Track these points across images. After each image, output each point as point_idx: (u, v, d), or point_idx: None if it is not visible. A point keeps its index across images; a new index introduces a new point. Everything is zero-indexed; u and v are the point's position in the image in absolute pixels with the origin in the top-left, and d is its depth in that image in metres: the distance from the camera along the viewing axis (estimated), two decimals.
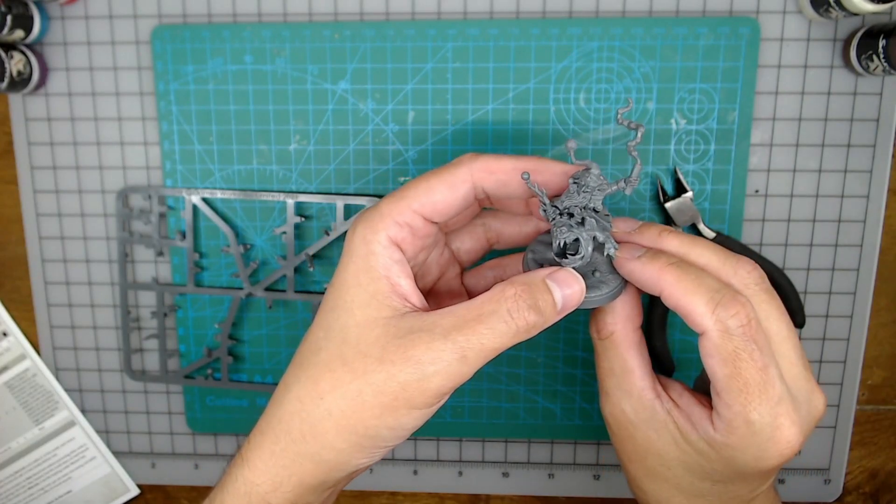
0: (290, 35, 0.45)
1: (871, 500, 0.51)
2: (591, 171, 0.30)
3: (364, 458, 0.30)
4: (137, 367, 0.51)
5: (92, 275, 0.50)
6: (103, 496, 0.53)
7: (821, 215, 0.46)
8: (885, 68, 0.41)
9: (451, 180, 0.30)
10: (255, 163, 0.47)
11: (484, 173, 0.30)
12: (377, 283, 0.28)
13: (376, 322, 0.28)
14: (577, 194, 0.29)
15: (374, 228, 0.29)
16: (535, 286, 0.28)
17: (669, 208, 0.45)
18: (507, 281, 0.28)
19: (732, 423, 0.28)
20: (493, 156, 0.30)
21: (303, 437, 0.29)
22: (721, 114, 0.45)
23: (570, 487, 0.51)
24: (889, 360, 0.49)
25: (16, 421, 0.52)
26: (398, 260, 0.29)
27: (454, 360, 0.27)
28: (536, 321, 0.28)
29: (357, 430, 0.28)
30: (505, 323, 0.27)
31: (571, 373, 0.49)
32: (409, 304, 0.29)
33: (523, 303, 0.27)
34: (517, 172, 0.30)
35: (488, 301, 0.28)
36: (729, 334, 0.27)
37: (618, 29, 0.44)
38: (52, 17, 0.46)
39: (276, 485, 0.29)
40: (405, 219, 0.29)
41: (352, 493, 0.53)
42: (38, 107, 0.48)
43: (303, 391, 0.29)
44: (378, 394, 0.28)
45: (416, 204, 0.29)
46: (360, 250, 0.29)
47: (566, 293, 0.29)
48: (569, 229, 0.30)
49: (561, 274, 0.29)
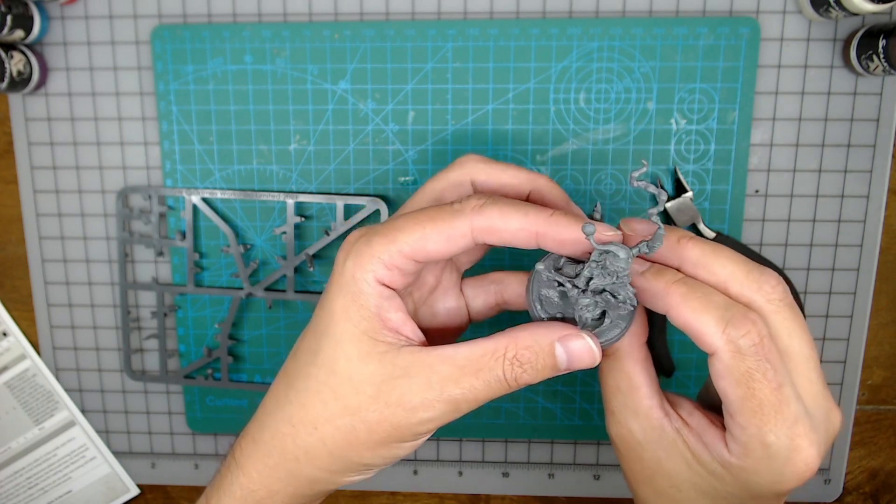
0: (290, 35, 0.45)
1: (871, 500, 0.51)
2: (618, 256, 0.27)
3: (357, 477, 0.31)
4: (137, 367, 0.51)
5: (92, 275, 0.50)
6: (103, 496, 0.53)
7: (821, 215, 0.46)
8: (885, 68, 0.41)
9: (448, 232, 0.28)
10: (255, 163, 0.47)
11: (486, 232, 0.28)
12: (368, 322, 0.28)
13: (370, 357, 0.28)
14: (603, 277, 0.28)
15: (363, 267, 0.28)
16: (539, 349, 0.28)
17: (669, 208, 0.45)
18: (511, 335, 0.28)
19: (748, 445, 0.27)
20: (500, 209, 0.28)
21: (296, 459, 0.30)
22: (721, 114, 0.45)
23: (570, 487, 0.51)
24: (889, 360, 0.49)
25: (16, 421, 0.52)
26: (388, 296, 0.28)
27: (447, 410, 0.28)
28: (530, 382, 0.28)
29: (351, 459, 0.29)
30: (498, 382, 0.28)
31: (571, 373, 0.49)
32: (403, 336, 0.29)
33: (518, 366, 0.27)
34: (523, 233, 0.28)
35: (488, 356, 0.27)
36: (741, 354, 0.26)
37: (618, 29, 0.44)
38: (52, 17, 0.46)
39: (271, 493, 0.30)
40: (395, 262, 0.28)
41: (352, 493, 0.53)
42: (38, 107, 0.48)
43: (295, 416, 0.30)
44: (371, 431, 0.28)
45: (408, 249, 0.28)
46: (350, 287, 0.28)
47: (574, 354, 0.28)
48: (595, 306, 0.28)
49: (575, 341, 0.28)
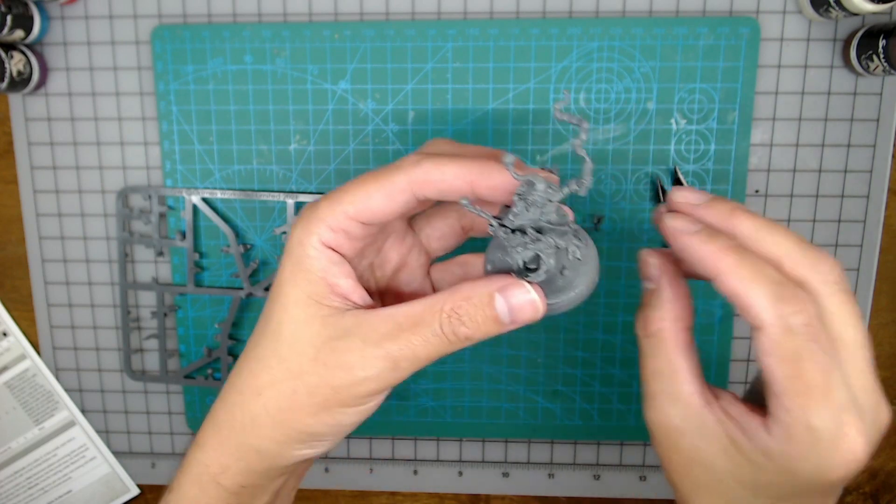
0: (290, 35, 0.45)
1: (871, 500, 0.51)
2: (535, 186, 0.27)
3: (307, 450, 0.30)
4: (137, 367, 0.51)
5: (92, 275, 0.50)
6: (103, 496, 0.53)
7: (821, 215, 0.46)
8: (885, 68, 0.41)
9: (388, 189, 0.28)
10: (255, 163, 0.47)
11: (423, 184, 0.28)
12: (314, 285, 0.28)
13: (313, 319, 0.28)
14: (527, 211, 0.27)
15: (308, 231, 0.28)
16: (477, 300, 0.27)
17: None
18: (450, 290, 0.28)
19: (792, 428, 0.26)
20: (434, 162, 0.28)
21: (244, 428, 0.29)
22: (721, 114, 0.45)
23: (570, 487, 0.51)
24: (889, 360, 0.49)
25: (16, 421, 0.52)
26: (336, 261, 0.28)
27: (386, 367, 0.27)
28: (471, 336, 0.27)
29: (294, 427, 0.29)
30: (437, 336, 0.27)
31: (571, 373, 0.49)
32: (350, 301, 0.29)
33: (456, 318, 0.27)
34: (458, 182, 0.28)
35: (427, 310, 0.27)
36: (790, 332, 0.25)
37: (618, 29, 0.44)
38: (52, 17, 0.46)
39: (224, 468, 0.30)
40: (339, 224, 0.28)
41: (352, 493, 0.53)
42: (38, 107, 0.48)
43: (244, 384, 0.29)
44: (311, 394, 0.28)
45: (352, 210, 0.28)
46: (296, 251, 0.28)
47: (514, 305, 0.27)
48: (524, 248, 0.28)
49: (514, 289, 0.27)
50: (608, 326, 0.48)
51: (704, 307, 0.47)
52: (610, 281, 0.47)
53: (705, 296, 0.47)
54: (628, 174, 0.46)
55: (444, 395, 0.49)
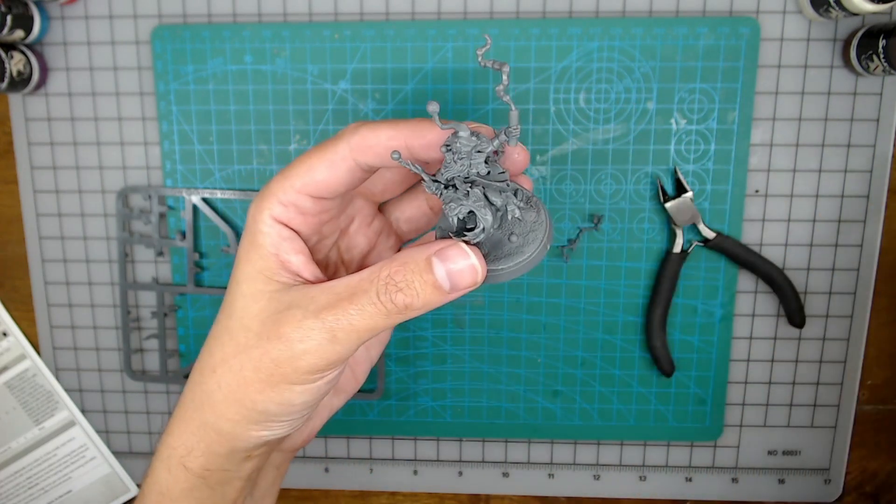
0: (290, 35, 0.45)
1: (871, 500, 0.51)
2: (459, 135, 0.26)
3: (263, 431, 0.29)
4: (137, 367, 0.51)
5: (92, 275, 0.50)
6: (103, 496, 0.53)
7: (821, 215, 0.46)
8: (885, 68, 0.41)
9: (330, 157, 0.27)
10: (255, 163, 0.47)
11: (362, 150, 0.27)
12: (265, 260, 0.28)
13: (261, 295, 0.28)
14: (455, 163, 0.26)
15: (259, 207, 0.28)
16: (413, 265, 0.26)
17: (669, 208, 0.45)
18: (387, 259, 0.27)
19: None
20: (371, 126, 0.27)
21: (201, 406, 0.29)
22: (721, 114, 0.45)
23: (570, 487, 0.51)
24: (889, 360, 0.49)
25: (16, 421, 0.52)
26: (287, 237, 0.28)
27: (324, 339, 0.26)
28: (410, 303, 0.26)
29: (244, 404, 0.28)
30: (373, 305, 0.26)
31: (571, 373, 0.49)
32: (301, 278, 0.28)
33: (393, 286, 0.26)
34: (394, 142, 0.27)
35: (365, 279, 0.26)
36: None
37: (618, 29, 0.44)
38: (52, 17, 0.46)
39: (188, 449, 0.30)
40: (289, 198, 0.28)
41: (352, 493, 0.53)
42: (38, 107, 0.48)
43: (202, 363, 0.29)
44: (256, 369, 0.27)
45: (299, 183, 0.28)
46: (250, 227, 0.28)
47: (452, 270, 0.26)
48: (457, 204, 0.26)
49: (450, 251, 0.26)
50: (608, 326, 0.48)
51: (704, 307, 0.47)
52: (610, 281, 0.47)
53: (705, 296, 0.47)
54: (628, 174, 0.46)
55: (444, 395, 0.49)
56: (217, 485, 0.30)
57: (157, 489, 0.30)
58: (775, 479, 0.50)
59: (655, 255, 0.47)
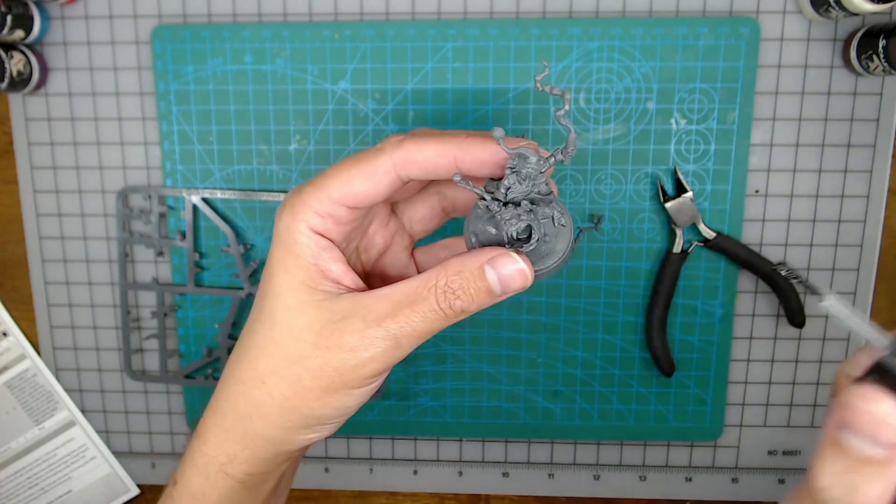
0: (290, 35, 0.45)
1: None
2: (528, 159, 0.27)
3: (313, 434, 0.30)
4: (137, 367, 0.51)
5: (92, 275, 0.50)
6: (103, 496, 0.53)
7: (821, 215, 0.46)
8: (885, 68, 0.41)
9: (372, 171, 0.28)
10: (255, 163, 0.47)
11: (406, 164, 0.28)
12: (306, 271, 0.28)
13: (308, 305, 0.28)
14: (520, 184, 0.27)
15: (295, 217, 0.28)
16: (468, 273, 0.27)
17: (669, 208, 0.45)
18: (441, 266, 0.28)
19: None
20: (416, 142, 0.28)
21: (249, 417, 0.30)
22: (721, 114, 0.45)
23: (570, 487, 0.51)
24: None
25: (16, 421, 0.52)
26: (325, 247, 0.29)
27: (389, 346, 0.28)
28: (466, 308, 0.28)
29: (300, 412, 0.29)
30: (434, 311, 0.27)
31: (571, 373, 0.49)
32: (343, 286, 0.29)
33: (451, 293, 0.27)
34: (442, 159, 0.28)
35: (421, 287, 0.28)
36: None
37: (618, 29, 0.44)
38: (52, 17, 0.46)
39: (230, 457, 0.30)
40: (325, 209, 0.28)
41: (352, 493, 0.53)
42: (38, 107, 0.48)
43: (244, 374, 0.30)
44: (315, 378, 0.28)
45: (336, 194, 0.28)
46: (285, 238, 0.29)
47: (504, 275, 0.27)
48: (518, 219, 0.28)
49: (503, 259, 0.28)
50: (608, 326, 0.48)
51: (704, 307, 0.47)
52: (610, 281, 0.47)
53: (705, 296, 0.47)
54: (628, 174, 0.46)
55: (444, 395, 0.49)
56: (254, 487, 0.31)
57: (191, 495, 0.31)
58: (775, 479, 0.50)
59: (655, 255, 0.47)
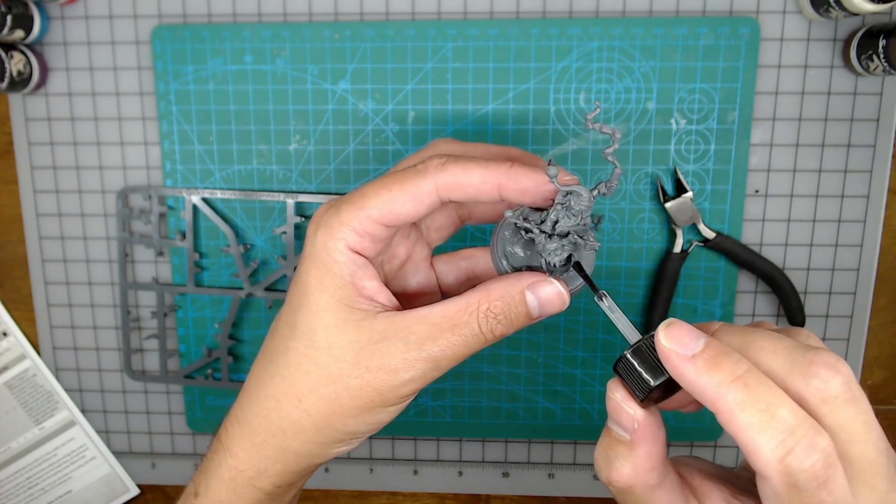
0: (290, 35, 0.45)
1: None
2: (581, 196, 0.28)
3: (344, 447, 0.31)
4: (137, 367, 0.51)
5: (92, 275, 0.50)
6: (103, 496, 0.53)
7: (821, 215, 0.46)
8: (885, 68, 0.41)
9: (415, 192, 0.28)
10: (255, 163, 0.47)
11: (450, 188, 0.28)
12: (343, 290, 0.29)
13: (347, 324, 0.29)
14: (568, 218, 0.28)
15: (334, 236, 0.28)
16: (510, 299, 0.28)
17: (669, 208, 0.45)
18: (482, 289, 0.28)
19: None
20: (460, 166, 0.28)
21: (283, 433, 0.30)
22: (721, 114, 0.45)
23: (570, 487, 0.51)
24: (889, 360, 0.49)
25: (16, 421, 0.52)
26: (361, 265, 0.29)
27: (428, 367, 0.28)
28: (506, 332, 0.28)
29: (336, 428, 0.30)
30: (475, 336, 0.28)
31: (571, 373, 0.49)
32: (379, 303, 0.29)
33: (493, 318, 0.28)
34: (486, 185, 0.28)
35: (462, 311, 0.28)
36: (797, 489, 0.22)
37: (618, 29, 0.44)
38: (52, 17, 0.46)
39: (260, 471, 0.31)
40: (365, 228, 0.28)
41: (351, 493, 0.53)
42: (38, 107, 0.48)
43: (278, 391, 0.30)
44: (354, 398, 0.29)
45: (377, 213, 0.28)
46: (322, 256, 0.29)
47: (543, 299, 0.28)
48: (562, 249, 0.29)
49: (544, 287, 0.28)
50: (608, 326, 0.48)
51: (704, 307, 0.47)
52: (610, 281, 0.47)
53: (705, 296, 0.47)
54: (628, 174, 0.46)
55: (444, 395, 0.49)
56: (280, 496, 0.32)
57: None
58: None
59: (655, 255, 0.47)
